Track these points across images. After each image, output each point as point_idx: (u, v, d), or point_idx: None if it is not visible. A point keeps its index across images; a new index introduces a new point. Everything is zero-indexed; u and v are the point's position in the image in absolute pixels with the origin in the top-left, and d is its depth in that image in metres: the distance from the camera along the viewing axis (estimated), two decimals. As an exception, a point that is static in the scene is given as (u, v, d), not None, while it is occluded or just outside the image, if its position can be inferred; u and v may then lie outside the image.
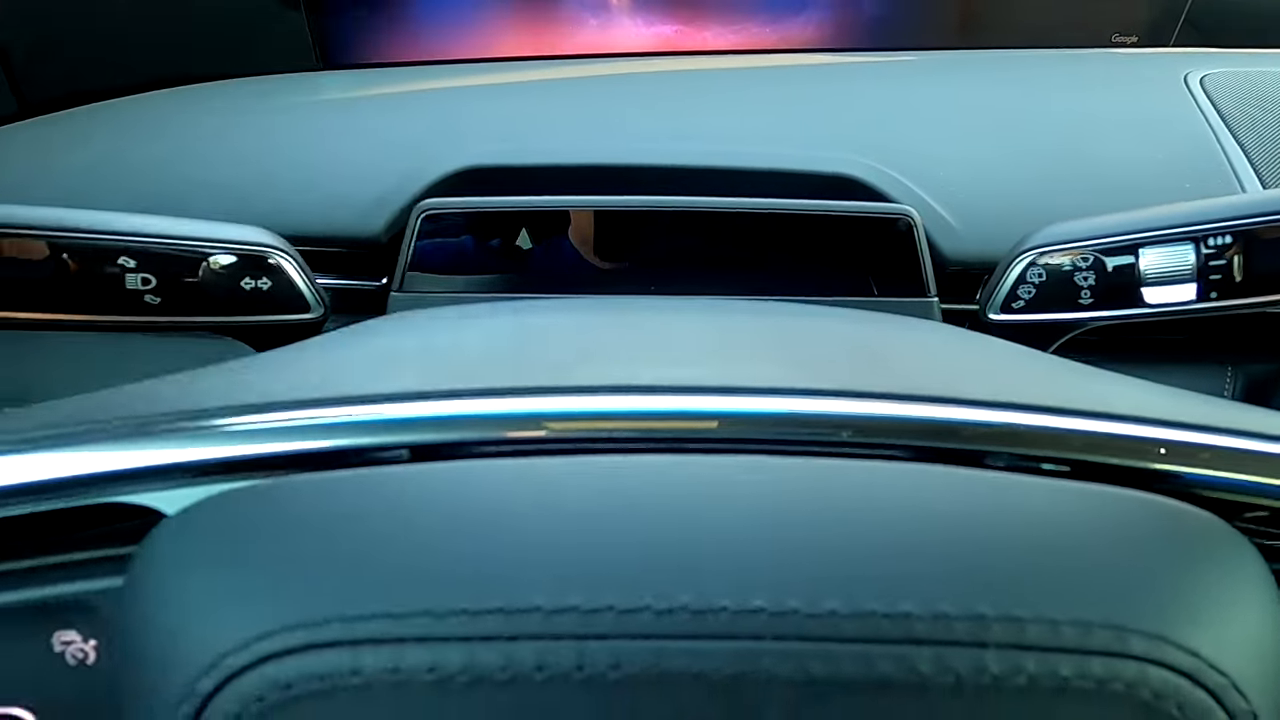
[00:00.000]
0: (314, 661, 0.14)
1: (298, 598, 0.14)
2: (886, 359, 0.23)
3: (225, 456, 0.17)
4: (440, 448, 0.17)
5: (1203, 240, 0.36)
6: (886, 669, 0.14)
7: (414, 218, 0.44)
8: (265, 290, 0.36)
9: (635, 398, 0.18)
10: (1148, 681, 0.14)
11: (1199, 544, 0.16)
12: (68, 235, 0.32)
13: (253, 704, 0.14)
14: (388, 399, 0.18)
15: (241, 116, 0.59)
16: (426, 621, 0.14)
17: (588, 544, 0.15)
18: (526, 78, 0.65)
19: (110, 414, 0.18)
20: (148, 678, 0.15)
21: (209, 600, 0.15)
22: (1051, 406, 0.18)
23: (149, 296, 0.33)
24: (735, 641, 0.14)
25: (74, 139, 0.56)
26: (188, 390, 0.19)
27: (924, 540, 0.15)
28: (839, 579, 0.14)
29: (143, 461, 0.17)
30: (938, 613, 0.14)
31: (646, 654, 0.14)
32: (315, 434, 0.17)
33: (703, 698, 0.14)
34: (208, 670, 0.14)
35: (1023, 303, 0.40)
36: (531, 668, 0.13)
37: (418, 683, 0.13)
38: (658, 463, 0.17)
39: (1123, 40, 0.73)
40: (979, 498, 0.16)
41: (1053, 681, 0.14)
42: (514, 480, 0.16)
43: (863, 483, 0.16)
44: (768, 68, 0.67)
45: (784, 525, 0.15)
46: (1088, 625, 0.14)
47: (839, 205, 0.45)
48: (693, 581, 0.14)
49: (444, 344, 0.22)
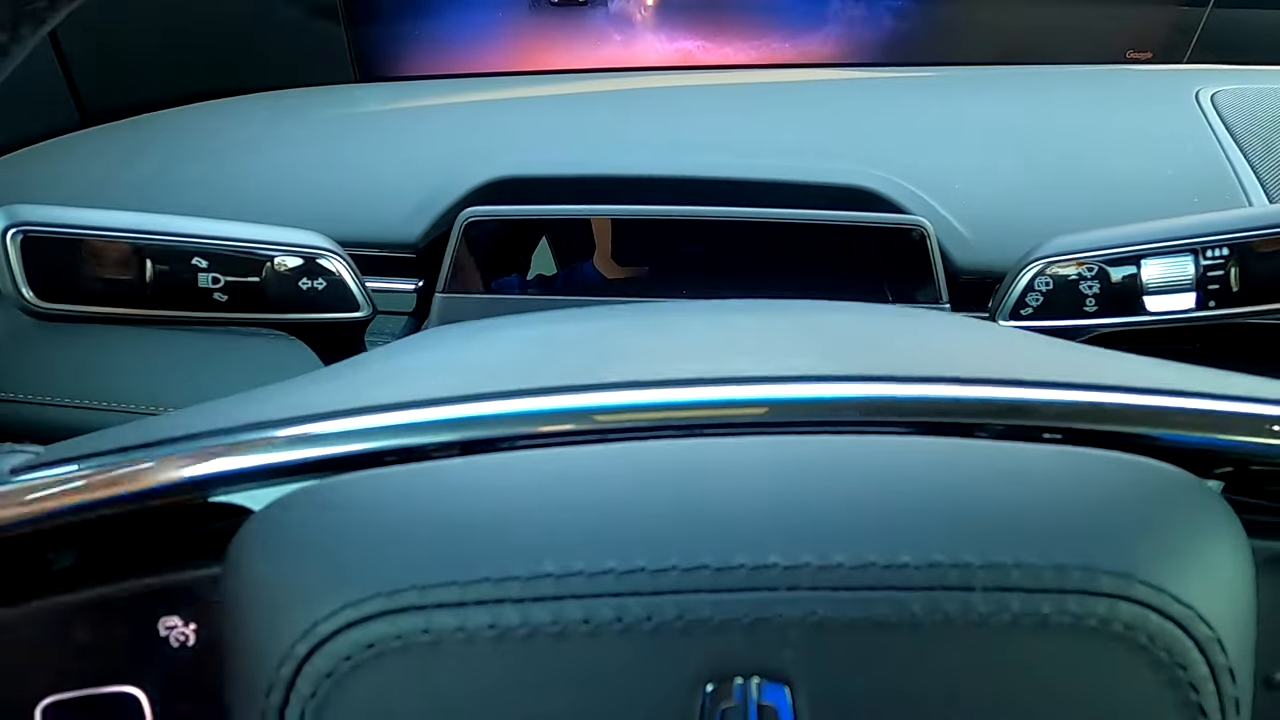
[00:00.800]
0: (391, 624, 0.16)
1: (376, 572, 0.16)
2: (885, 345, 0.25)
3: (301, 459, 0.19)
4: (485, 442, 0.19)
5: (1201, 252, 0.38)
6: (885, 610, 0.16)
7: (458, 224, 0.47)
8: (320, 290, 0.38)
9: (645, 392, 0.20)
10: (1119, 615, 0.16)
11: (1166, 494, 0.18)
12: (149, 237, 0.35)
13: (341, 662, 0.16)
14: (438, 403, 0.20)
15: (285, 128, 0.63)
16: (486, 587, 0.16)
17: (620, 516, 0.17)
18: (554, 91, 0.68)
19: (200, 428, 0.20)
20: (248, 647, 0.17)
21: (300, 578, 0.17)
22: (1033, 380, 0.20)
23: (218, 294, 0.36)
24: (753, 593, 0.16)
25: (131, 148, 0.59)
26: (264, 403, 0.22)
27: (918, 501, 0.17)
28: (844, 536, 0.16)
29: (232, 466, 0.20)
30: (931, 561, 0.16)
31: (675, 606, 0.16)
32: (375, 437, 0.19)
33: (727, 640, 0.16)
34: (302, 635, 0.16)
35: (1031, 310, 0.41)
36: (578, 621, 0.16)
37: (481, 638, 0.16)
38: (677, 445, 0.19)
39: (1137, 57, 0.75)
40: (968, 463, 0.18)
41: (1034, 619, 0.16)
42: (553, 466, 0.18)
43: (863, 454, 0.18)
44: (788, 83, 0.69)
45: (794, 492, 0.17)
46: (1063, 567, 0.16)
47: (857, 216, 0.47)
48: (713, 543, 0.16)
49: (484, 351, 0.25)
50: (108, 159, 0.58)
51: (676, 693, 0.16)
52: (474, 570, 0.16)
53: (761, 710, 0.16)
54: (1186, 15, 0.74)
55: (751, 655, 0.16)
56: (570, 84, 0.70)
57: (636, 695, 0.16)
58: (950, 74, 0.71)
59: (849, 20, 0.74)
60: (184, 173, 0.55)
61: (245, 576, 0.18)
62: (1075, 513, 0.17)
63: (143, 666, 0.20)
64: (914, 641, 0.16)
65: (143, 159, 0.57)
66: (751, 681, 0.16)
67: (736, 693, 0.16)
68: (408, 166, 0.56)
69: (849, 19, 0.74)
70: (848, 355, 0.23)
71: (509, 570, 0.16)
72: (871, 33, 0.74)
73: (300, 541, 0.17)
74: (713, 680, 0.16)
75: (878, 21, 0.74)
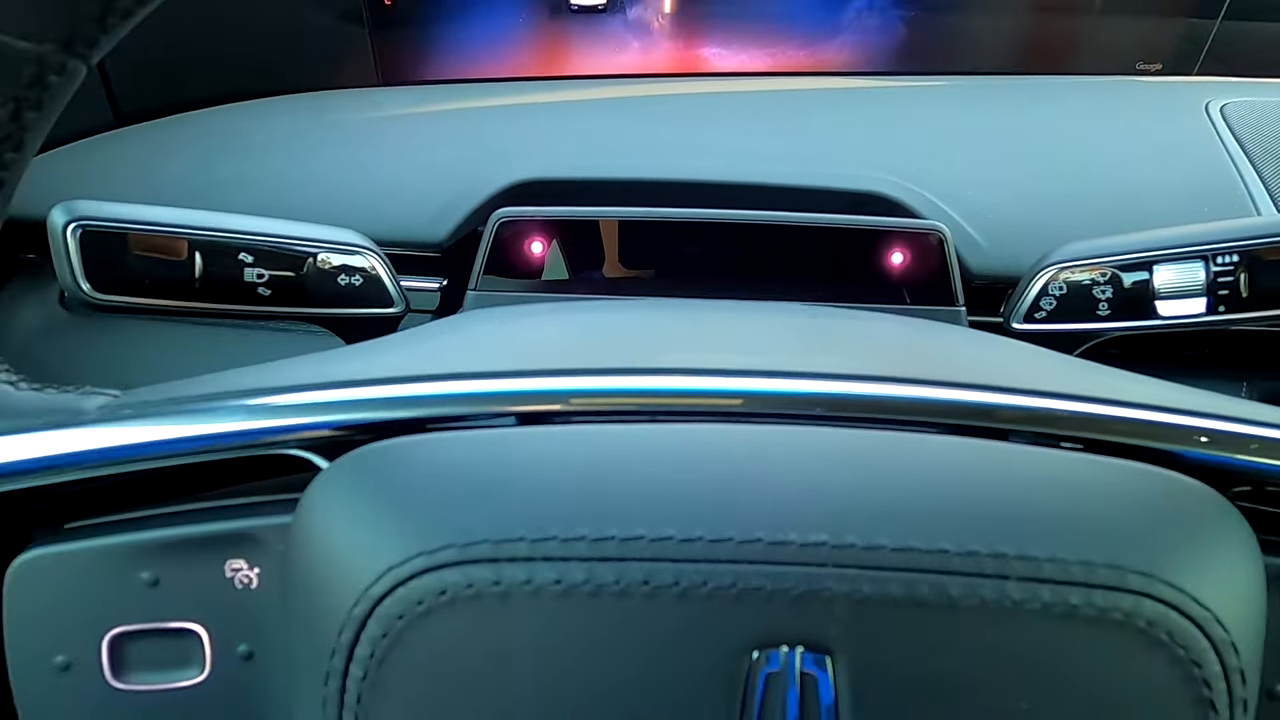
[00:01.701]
0: (463, 574, 0.17)
1: (452, 524, 0.17)
2: (930, 352, 0.26)
3: (368, 419, 0.21)
4: (542, 415, 0.21)
5: (1212, 258, 0.39)
6: (924, 591, 0.17)
7: (490, 224, 0.48)
8: (357, 286, 0.40)
9: (705, 378, 0.21)
10: (1142, 612, 0.17)
11: (1189, 505, 0.19)
12: (200, 232, 0.36)
13: (413, 606, 0.17)
14: (499, 375, 0.21)
15: (312, 129, 0.64)
16: (555, 545, 0.17)
17: (681, 489, 0.18)
18: (573, 97, 0.69)
19: (276, 382, 0.22)
20: (319, 590, 0.18)
21: (376, 526, 0.18)
22: (1071, 394, 0.21)
23: (262, 289, 0.37)
24: (802, 568, 0.17)
25: (164, 148, 0.61)
26: (339, 364, 0.23)
27: (958, 494, 0.18)
28: (889, 521, 0.17)
29: (303, 422, 0.21)
30: (969, 550, 0.17)
31: (729, 575, 0.17)
32: (441, 403, 0.21)
33: (775, 610, 0.17)
34: (377, 580, 0.17)
35: (1044, 314, 0.43)
36: (639, 582, 0.17)
37: (547, 592, 0.17)
38: (734, 429, 0.20)
39: (1147, 68, 0.76)
40: (1005, 463, 0.19)
41: (1063, 609, 0.17)
42: (615, 440, 0.19)
43: (907, 448, 0.19)
44: (804, 90, 0.71)
45: (843, 479, 0.18)
46: (1092, 564, 0.17)
47: (877, 221, 0.48)
48: (767, 519, 0.17)
49: (542, 331, 0.26)
50: (142, 158, 0.59)
51: (725, 656, 0.17)
52: (543, 529, 0.17)
53: (803, 678, 0.17)
54: (1196, 27, 0.75)
55: (797, 626, 0.17)
56: (589, 89, 0.71)
57: (688, 656, 0.17)
58: (964, 83, 0.72)
59: (864, 29, 0.75)
60: (216, 172, 0.57)
61: (320, 524, 0.19)
62: (1106, 515, 0.18)
63: (206, 605, 0.21)
64: (950, 622, 0.17)
65: (176, 158, 0.59)
66: (796, 650, 0.17)
67: (780, 660, 0.17)
68: (432, 169, 0.58)
69: (864, 28, 0.75)
70: (895, 360, 0.24)
71: (576, 531, 0.17)
72: (886, 42, 0.75)
73: (376, 493, 0.18)
74: (759, 647, 0.17)
75: (892, 31, 0.75)
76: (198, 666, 0.21)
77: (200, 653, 0.21)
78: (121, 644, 0.21)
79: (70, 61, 0.20)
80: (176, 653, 0.21)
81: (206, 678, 0.21)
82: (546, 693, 0.17)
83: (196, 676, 0.21)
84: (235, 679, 0.21)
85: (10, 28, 0.19)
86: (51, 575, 0.21)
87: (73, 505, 0.22)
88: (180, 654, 0.21)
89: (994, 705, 0.17)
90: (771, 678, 0.17)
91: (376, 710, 0.17)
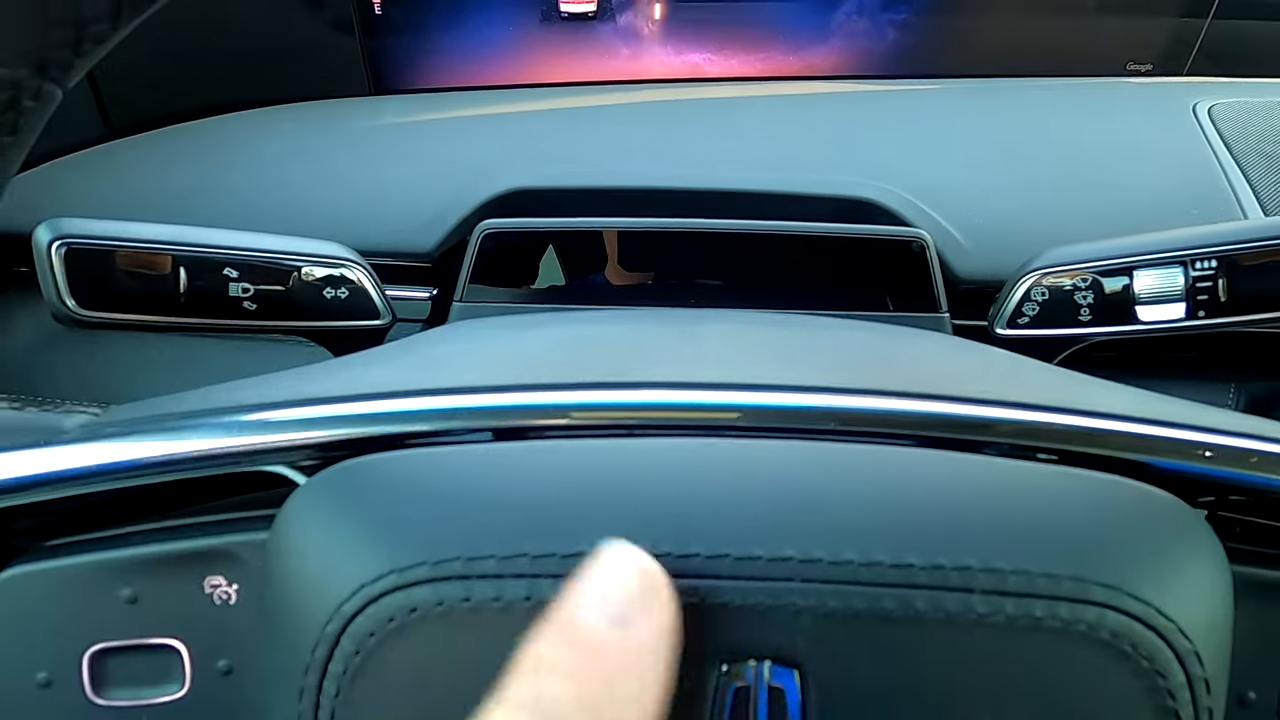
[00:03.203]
0: (434, 591, 0.17)
1: (423, 542, 0.17)
2: (901, 363, 0.26)
3: (349, 436, 0.21)
4: (516, 430, 0.21)
5: (1191, 264, 0.39)
6: (889, 605, 0.17)
7: (475, 236, 0.48)
8: (344, 299, 0.40)
9: (677, 392, 0.21)
10: (1106, 623, 0.17)
11: (1155, 516, 0.19)
12: (184, 248, 0.37)
13: (385, 623, 0.17)
14: (481, 390, 0.21)
15: (302, 140, 0.64)
16: (524, 562, 0.17)
17: (648, 504, 0.18)
18: (563, 105, 0.69)
19: (254, 399, 0.22)
20: (294, 607, 0.18)
21: (349, 544, 0.18)
22: (1038, 404, 0.22)
23: (247, 303, 0.37)
24: (769, 582, 0.17)
25: (155, 161, 0.61)
26: (317, 380, 0.23)
27: (925, 508, 0.18)
28: (855, 535, 0.17)
29: (280, 439, 0.21)
30: (935, 563, 0.17)
31: (698, 590, 0.17)
32: (416, 419, 0.21)
33: (743, 624, 0.17)
34: (349, 597, 0.17)
35: (1027, 319, 0.43)
36: None
37: (517, 609, 0.17)
38: (701, 443, 0.20)
39: (1136, 69, 0.76)
40: (973, 476, 0.19)
41: (1028, 621, 0.17)
42: (585, 456, 0.20)
43: (875, 462, 0.20)
44: (792, 95, 0.71)
45: (810, 493, 0.18)
46: (1056, 576, 0.17)
47: (858, 228, 0.48)
48: (734, 535, 0.17)
49: (519, 345, 0.26)
50: (133, 171, 0.60)
51: (693, 669, 0.17)
52: (514, 546, 0.17)
53: (771, 691, 0.17)
54: (1186, 26, 0.75)
55: (765, 640, 0.17)
56: (579, 97, 0.72)
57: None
58: (952, 86, 0.72)
59: (852, 33, 0.76)
60: (208, 184, 0.57)
61: (295, 541, 0.19)
62: (1071, 528, 0.18)
63: (186, 621, 0.21)
64: (916, 635, 0.17)
65: (167, 171, 0.59)
66: (764, 664, 0.17)
67: (749, 673, 0.17)
68: (422, 178, 0.58)
69: (852, 32, 0.76)
70: (863, 370, 0.24)
71: (546, 548, 0.17)
72: (875, 45, 0.75)
73: (350, 510, 0.19)
74: (727, 660, 0.17)
75: (881, 34, 0.75)
76: (178, 682, 0.21)
77: (180, 668, 0.21)
78: (102, 660, 0.21)
79: (45, 85, 0.20)
80: (157, 669, 0.21)
81: (186, 693, 0.21)
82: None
83: (177, 692, 0.21)
84: (215, 694, 0.21)
85: None
86: (32, 592, 0.21)
87: (53, 523, 0.22)
88: (160, 670, 0.21)
89: (959, 717, 0.17)
90: (740, 691, 0.17)
91: None
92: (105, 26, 0.19)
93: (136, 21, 0.20)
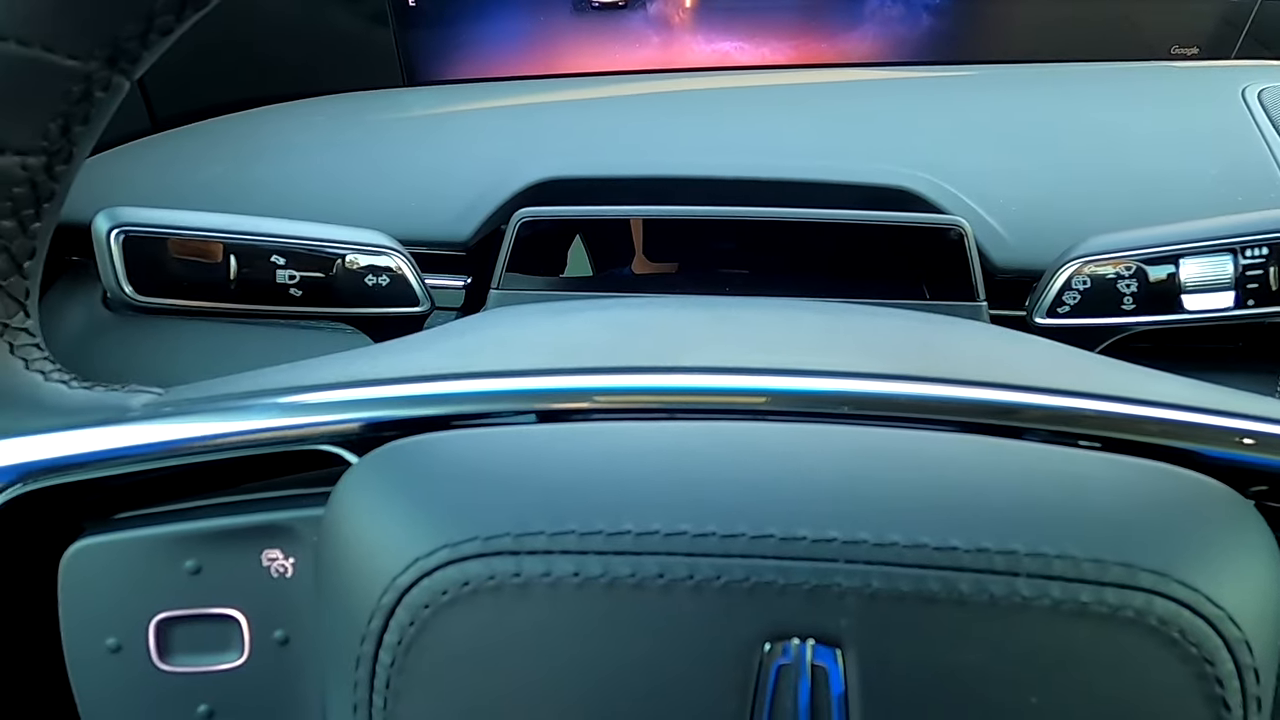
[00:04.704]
0: (486, 565, 0.18)
1: (475, 518, 0.18)
2: (940, 349, 0.26)
3: (396, 416, 0.21)
4: (561, 413, 0.21)
5: (1241, 251, 0.38)
6: (933, 587, 0.17)
7: (512, 224, 0.49)
8: (385, 286, 0.41)
9: (718, 377, 0.22)
10: (1154, 610, 0.17)
11: (1204, 503, 0.19)
12: (234, 236, 0.38)
13: (438, 596, 0.18)
14: (520, 374, 0.22)
15: (339, 131, 0.65)
16: (573, 538, 0.18)
17: (695, 485, 0.18)
18: (595, 94, 0.69)
19: (311, 381, 0.23)
20: (351, 579, 0.19)
21: (404, 519, 0.19)
22: (1086, 392, 0.21)
23: (293, 289, 0.39)
24: (814, 563, 0.17)
25: (198, 153, 0.63)
26: (370, 362, 0.24)
27: (970, 492, 0.18)
28: (901, 517, 0.18)
29: (335, 419, 0.22)
30: (979, 547, 0.17)
31: (742, 569, 0.17)
32: (465, 401, 0.22)
33: (787, 604, 0.17)
34: (404, 570, 0.18)
35: (1068, 308, 0.42)
36: (653, 575, 0.17)
37: (565, 584, 0.17)
38: (747, 426, 0.20)
39: (1182, 52, 0.74)
40: (1018, 462, 0.19)
41: (1074, 606, 0.17)
42: (631, 437, 0.20)
43: (920, 447, 0.20)
44: (825, 83, 0.70)
45: (855, 476, 0.19)
46: (1103, 562, 0.17)
47: (896, 216, 0.48)
48: (779, 515, 0.18)
49: (554, 332, 0.27)
50: (178, 162, 0.61)
51: (737, 648, 0.17)
52: (562, 523, 0.18)
53: (814, 670, 0.17)
54: (1235, 8, 0.73)
55: (808, 619, 0.17)
56: (611, 86, 0.72)
57: (701, 647, 0.18)
58: (990, 72, 0.71)
59: (886, 19, 0.75)
60: (248, 175, 0.59)
61: (350, 517, 0.19)
62: (1119, 514, 0.18)
63: (245, 592, 0.22)
64: (960, 617, 0.17)
65: (210, 162, 0.61)
66: (807, 643, 0.17)
67: (792, 652, 0.17)
68: (456, 168, 0.59)
69: (886, 18, 0.75)
70: (913, 357, 0.24)
71: (593, 525, 0.18)
72: (910, 31, 0.74)
73: (403, 488, 0.19)
74: (771, 639, 0.17)
75: (916, 20, 0.74)
76: (237, 650, 0.22)
77: (239, 637, 0.22)
78: (167, 628, 0.22)
79: (115, 77, 0.21)
80: (217, 637, 0.22)
81: (245, 661, 0.22)
82: (564, 680, 0.18)
83: (236, 660, 0.22)
84: (272, 662, 0.22)
85: (59, 47, 0.20)
86: (102, 563, 0.22)
87: (120, 497, 0.23)
88: (221, 638, 0.22)
89: (1002, 700, 0.17)
90: (783, 669, 0.17)
91: (404, 693, 0.18)
92: (171, 18, 0.20)
93: (201, 14, 0.20)
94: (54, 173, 0.21)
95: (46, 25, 0.19)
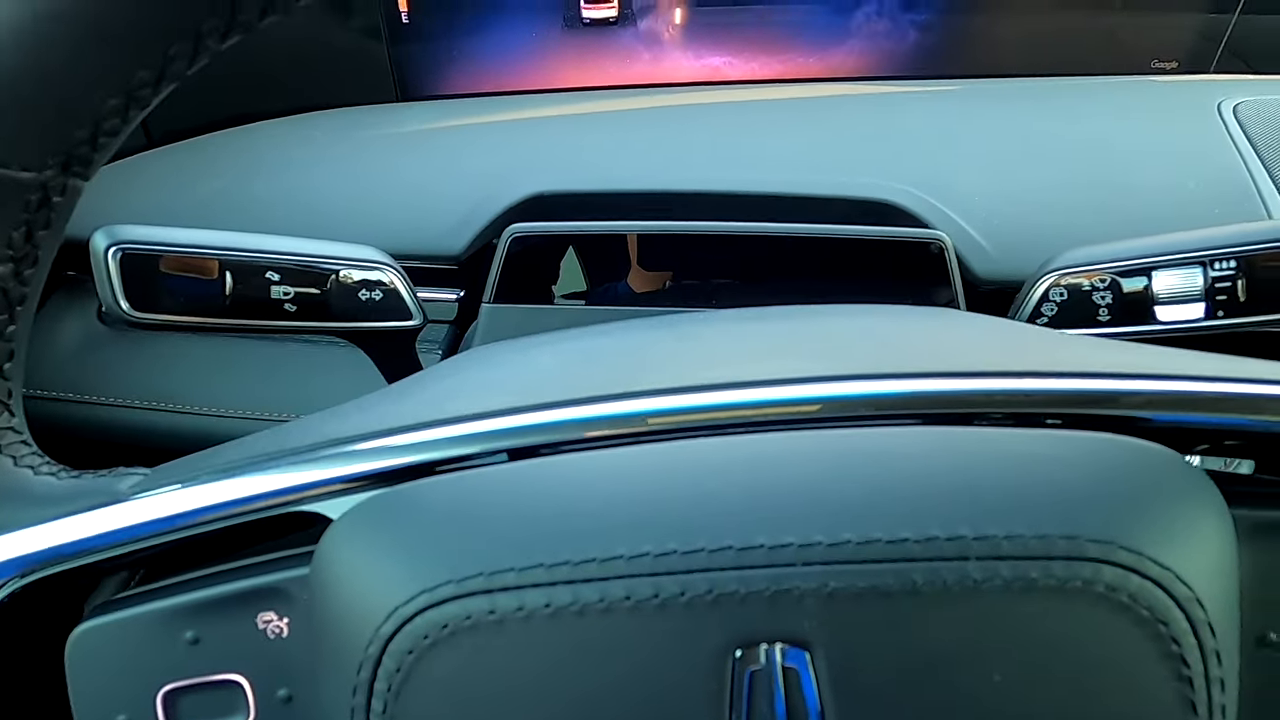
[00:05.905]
0: (461, 607, 0.18)
1: (447, 563, 0.19)
2: (888, 343, 0.26)
3: (370, 470, 0.22)
4: (529, 449, 0.22)
5: (1210, 264, 0.39)
6: (889, 580, 0.18)
7: (504, 240, 0.49)
8: (378, 301, 0.41)
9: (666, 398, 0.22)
10: (1102, 578, 0.17)
11: (1145, 468, 0.19)
12: (229, 253, 0.38)
13: (420, 640, 0.18)
14: (489, 416, 0.22)
15: (334, 147, 0.66)
16: (541, 571, 0.18)
17: (654, 507, 0.19)
18: (586, 109, 0.70)
19: (288, 445, 0.23)
20: (338, 633, 0.19)
21: (382, 571, 0.19)
22: (1024, 370, 0.22)
23: (288, 305, 0.39)
24: (772, 569, 0.18)
25: (194, 169, 0.63)
26: (337, 423, 0.24)
27: (917, 484, 0.19)
28: (853, 516, 0.18)
29: (312, 479, 0.22)
30: (929, 536, 0.18)
31: (704, 582, 0.18)
32: (434, 448, 0.22)
33: (751, 612, 0.18)
34: (385, 619, 0.18)
35: (1046, 319, 0.43)
36: (621, 598, 0.18)
37: (538, 616, 0.18)
38: (698, 443, 0.21)
39: (1162, 66, 0.75)
40: (963, 448, 0.20)
41: (1024, 583, 0.17)
42: (590, 467, 0.20)
43: (867, 444, 0.20)
44: (812, 98, 0.71)
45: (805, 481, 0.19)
46: (1048, 536, 0.17)
47: (878, 230, 0.49)
48: (735, 527, 0.18)
49: (527, 367, 0.27)
50: (173, 178, 0.62)
51: (709, 659, 0.18)
52: (530, 557, 0.18)
53: (785, 672, 0.18)
54: (1213, 23, 0.74)
55: (773, 624, 0.18)
56: (602, 101, 0.73)
57: (674, 662, 0.18)
58: (973, 87, 0.72)
59: (872, 34, 0.76)
60: (243, 190, 0.59)
61: (334, 573, 0.20)
62: (1061, 487, 0.18)
63: (245, 656, 0.22)
64: (917, 607, 0.18)
65: (205, 178, 0.61)
66: (775, 647, 0.18)
67: (762, 658, 0.18)
68: (450, 183, 0.59)
69: (873, 33, 0.76)
70: (851, 354, 0.24)
71: (559, 556, 0.18)
72: (896, 46, 0.75)
73: (381, 539, 0.20)
74: (740, 647, 0.18)
75: (902, 35, 0.75)
76: (243, 713, 0.22)
77: (244, 700, 0.22)
78: (174, 699, 0.22)
79: (70, 181, 0.21)
80: (223, 702, 0.22)
81: None
82: (549, 709, 0.18)
83: None
84: None
85: (12, 161, 0.20)
86: (105, 643, 0.22)
87: (117, 577, 0.24)
88: (227, 703, 0.22)
89: (967, 682, 0.18)
90: (756, 675, 0.18)
91: None
92: (117, 121, 0.21)
93: (144, 114, 0.21)
94: (23, 277, 0.22)
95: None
